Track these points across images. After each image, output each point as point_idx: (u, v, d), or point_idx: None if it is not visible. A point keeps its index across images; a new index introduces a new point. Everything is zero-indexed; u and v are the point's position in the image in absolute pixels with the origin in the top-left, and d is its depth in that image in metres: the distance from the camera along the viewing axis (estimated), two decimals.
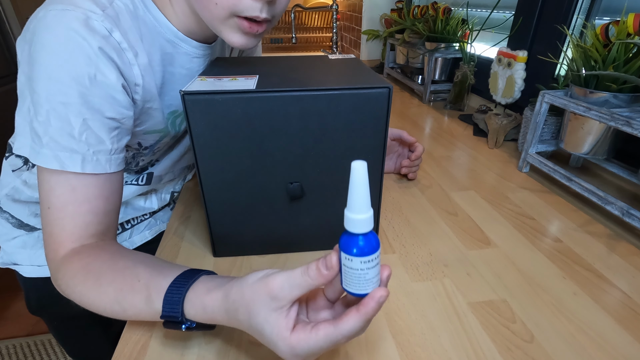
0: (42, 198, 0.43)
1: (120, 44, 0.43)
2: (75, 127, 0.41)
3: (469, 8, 1.28)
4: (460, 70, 1.10)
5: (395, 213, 0.62)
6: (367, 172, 0.26)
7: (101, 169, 0.43)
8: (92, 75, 0.40)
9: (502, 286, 0.46)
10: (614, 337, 0.40)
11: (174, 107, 0.55)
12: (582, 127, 0.64)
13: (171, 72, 0.52)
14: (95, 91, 0.41)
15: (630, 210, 0.54)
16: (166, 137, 0.58)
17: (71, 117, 0.40)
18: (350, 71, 0.49)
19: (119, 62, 0.43)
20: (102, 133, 0.43)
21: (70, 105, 0.40)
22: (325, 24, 2.57)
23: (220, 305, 0.33)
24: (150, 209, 0.70)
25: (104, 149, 0.43)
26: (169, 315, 0.35)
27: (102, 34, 0.41)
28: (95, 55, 0.40)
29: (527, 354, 0.38)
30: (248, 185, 0.45)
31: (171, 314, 0.35)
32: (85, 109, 0.41)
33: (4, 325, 1.54)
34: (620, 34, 0.58)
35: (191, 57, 0.53)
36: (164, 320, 0.36)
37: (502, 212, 0.62)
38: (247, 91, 0.40)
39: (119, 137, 0.45)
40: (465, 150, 0.86)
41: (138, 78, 0.46)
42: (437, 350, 0.38)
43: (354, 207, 0.27)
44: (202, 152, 0.43)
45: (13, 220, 0.63)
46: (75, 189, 0.42)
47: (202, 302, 0.34)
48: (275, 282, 0.30)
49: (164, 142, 0.60)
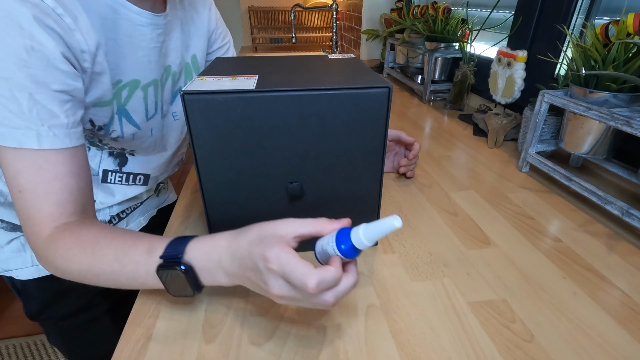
0: (10, 184, 0.42)
1: (54, 9, 0.40)
2: (23, 103, 0.39)
3: (469, 8, 1.28)
4: (460, 70, 1.10)
5: (395, 213, 0.62)
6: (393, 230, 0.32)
7: (60, 143, 0.42)
8: (29, 46, 0.38)
9: (502, 286, 0.46)
10: (613, 336, 0.40)
11: (119, 77, 0.52)
12: (581, 126, 0.64)
13: (114, 39, 0.49)
14: (35, 63, 0.39)
15: (630, 210, 0.54)
16: (118, 118, 0.55)
17: (16, 93, 0.39)
18: (350, 71, 0.49)
19: (58, 29, 0.40)
20: (53, 107, 0.41)
21: (11, 80, 0.38)
22: (325, 24, 2.57)
23: (226, 246, 0.36)
24: (141, 198, 0.73)
25: (59, 123, 0.41)
26: (169, 255, 0.37)
27: (33, 1, 0.38)
28: (29, 24, 0.38)
29: (527, 353, 0.38)
30: (248, 185, 0.45)
31: (172, 253, 0.37)
32: (29, 83, 0.39)
33: (4, 325, 1.54)
34: (620, 34, 0.58)
35: (135, 24, 0.50)
36: (159, 266, 0.37)
37: (502, 211, 0.62)
38: (247, 91, 0.40)
39: (73, 109, 0.43)
40: (465, 150, 0.86)
41: (83, 44, 0.44)
42: (437, 350, 0.38)
43: (371, 237, 0.33)
44: (202, 152, 0.43)
45: (4, 225, 0.62)
46: (42, 168, 0.41)
47: (209, 243, 0.37)
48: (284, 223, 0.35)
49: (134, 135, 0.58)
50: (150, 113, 0.59)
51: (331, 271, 0.32)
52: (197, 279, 0.38)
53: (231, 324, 0.41)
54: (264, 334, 0.40)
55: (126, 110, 0.55)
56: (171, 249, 0.38)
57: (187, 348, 0.38)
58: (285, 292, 0.33)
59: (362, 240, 0.33)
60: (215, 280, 0.38)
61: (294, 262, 0.32)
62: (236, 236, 0.36)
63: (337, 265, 0.33)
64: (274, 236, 0.34)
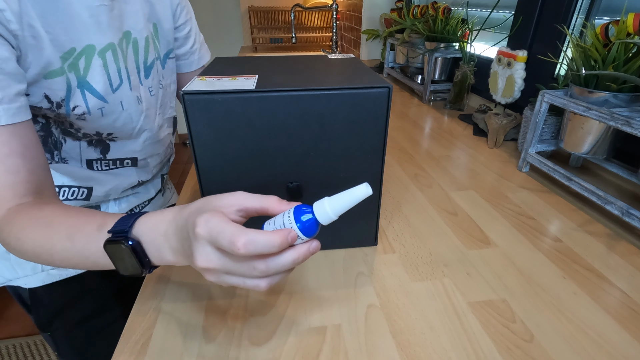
0: None
1: None
2: None
3: (469, 8, 1.28)
4: (460, 70, 1.10)
5: (395, 213, 0.62)
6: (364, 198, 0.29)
7: None
8: None
9: (502, 286, 0.46)
10: (613, 336, 0.40)
11: (71, 45, 0.47)
12: (581, 126, 0.64)
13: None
14: None
15: (630, 210, 0.54)
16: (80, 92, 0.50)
17: None
18: (349, 71, 0.49)
19: None
20: None
21: None
22: (325, 24, 2.57)
23: (172, 217, 0.33)
24: (148, 196, 0.72)
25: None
26: (116, 230, 0.34)
27: None
28: None
29: (527, 353, 0.38)
30: (248, 185, 0.45)
31: (120, 227, 0.34)
32: None
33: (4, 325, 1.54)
34: (620, 34, 0.58)
35: None
36: (106, 241, 0.35)
37: (502, 211, 0.62)
38: (246, 91, 0.40)
39: (2, 84, 0.40)
40: (465, 150, 0.86)
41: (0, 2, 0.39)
42: (437, 350, 0.38)
43: (337, 208, 0.30)
44: (202, 152, 0.43)
45: None
46: None
47: (158, 216, 0.34)
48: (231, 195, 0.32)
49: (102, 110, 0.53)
50: (115, 83, 0.54)
51: (267, 235, 0.28)
52: (145, 256, 0.35)
53: (231, 324, 0.41)
54: (264, 334, 0.40)
55: (87, 82, 0.51)
56: (120, 223, 0.35)
57: (187, 348, 0.38)
58: (213, 261, 0.29)
59: (328, 212, 0.30)
60: (162, 257, 0.35)
61: (222, 224, 0.28)
62: (182, 208, 0.33)
63: (279, 234, 0.28)
64: (215, 206, 0.31)
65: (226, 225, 0.28)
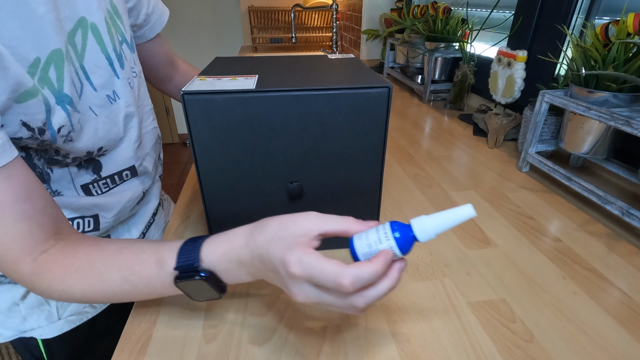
0: None
1: None
2: None
3: (469, 8, 1.28)
4: (460, 69, 1.10)
5: (395, 213, 0.62)
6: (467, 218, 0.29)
7: None
8: None
9: (502, 286, 0.46)
10: (613, 336, 0.40)
11: (35, 54, 0.38)
12: (581, 126, 0.64)
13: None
14: None
15: (630, 210, 0.54)
16: (62, 108, 0.42)
17: None
18: (350, 71, 0.49)
19: None
20: None
21: None
22: (325, 24, 2.57)
23: (244, 244, 0.33)
24: (152, 210, 0.67)
25: None
26: (184, 266, 0.34)
27: None
28: None
29: (527, 353, 0.38)
30: (248, 185, 0.45)
31: (187, 262, 0.34)
32: None
33: None
34: (620, 34, 0.58)
35: None
36: (176, 276, 0.34)
37: (502, 211, 0.62)
38: (246, 91, 0.40)
39: None
40: (465, 150, 0.86)
41: None
42: (437, 350, 0.38)
43: (437, 226, 0.30)
44: (202, 152, 0.43)
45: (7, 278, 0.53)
46: None
47: (226, 244, 0.34)
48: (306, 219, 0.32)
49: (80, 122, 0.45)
50: (77, 86, 0.44)
51: (369, 267, 0.28)
52: (220, 282, 0.35)
53: (231, 324, 0.41)
54: (264, 334, 0.40)
55: (66, 94, 0.42)
56: (184, 257, 0.35)
57: (187, 348, 0.38)
58: (312, 297, 0.30)
59: (428, 230, 0.30)
60: (239, 279, 0.35)
61: (320, 263, 0.29)
62: (252, 232, 0.33)
63: (381, 262, 0.29)
64: (294, 235, 0.31)
65: (325, 265, 0.29)
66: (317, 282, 0.29)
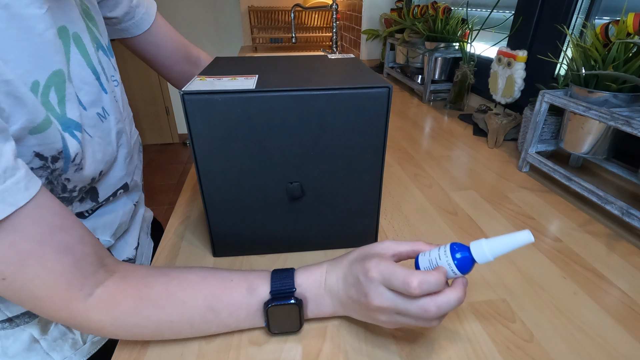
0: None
1: None
2: None
3: (469, 8, 1.28)
4: (460, 69, 1.10)
5: (395, 213, 0.62)
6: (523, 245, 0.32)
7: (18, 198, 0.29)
8: None
9: (502, 286, 0.46)
10: (613, 336, 0.40)
11: (32, 77, 0.34)
12: (581, 126, 0.64)
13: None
14: None
15: (630, 210, 0.54)
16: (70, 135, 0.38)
17: None
18: (349, 71, 0.49)
19: None
20: None
21: None
22: (325, 24, 2.57)
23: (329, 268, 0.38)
24: (148, 214, 0.67)
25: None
26: (279, 290, 0.36)
27: None
28: None
29: (527, 353, 0.38)
30: (248, 185, 0.45)
31: (282, 287, 0.37)
32: None
33: None
34: (620, 34, 0.58)
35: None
36: (268, 300, 0.36)
37: (502, 211, 0.62)
38: (246, 91, 0.40)
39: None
40: (465, 150, 0.86)
41: None
42: (437, 350, 0.38)
43: (495, 250, 0.32)
44: (202, 152, 0.43)
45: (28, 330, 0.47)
46: (14, 243, 0.29)
47: (316, 271, 0.38)
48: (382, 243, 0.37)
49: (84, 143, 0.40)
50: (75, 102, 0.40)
51: (433, 274, 0.32)
52: (305, 311, 0.38)
53: None
54: (264, 334, 0.40)
55: (70, 119, 0.38)
56: (279, 283, 0.38)
57: (187, 348, 0.38)
58: (386, 301, 0.33)
59: (485, 252, 0.32)
60: (320, 310, 0.39)
61: (393, 267, 0.33)
62: (336, 259, 0.39)
63: (441, 272, 0.32)
64: (373, 254, 0.35)
65: (396, 268, 0.32)
66: (389, 283, 0.32)
